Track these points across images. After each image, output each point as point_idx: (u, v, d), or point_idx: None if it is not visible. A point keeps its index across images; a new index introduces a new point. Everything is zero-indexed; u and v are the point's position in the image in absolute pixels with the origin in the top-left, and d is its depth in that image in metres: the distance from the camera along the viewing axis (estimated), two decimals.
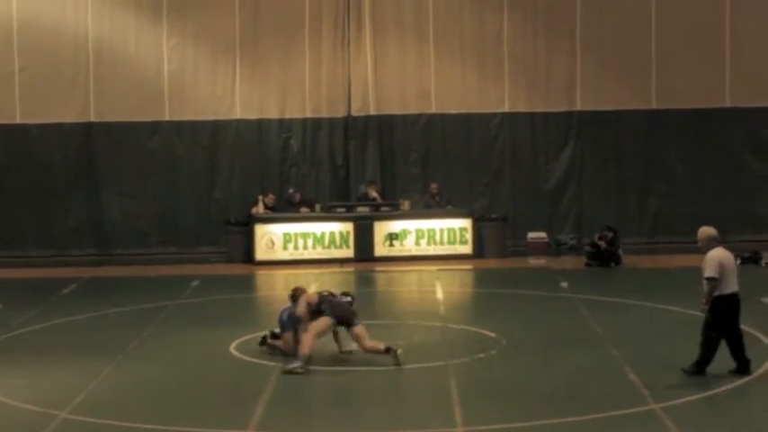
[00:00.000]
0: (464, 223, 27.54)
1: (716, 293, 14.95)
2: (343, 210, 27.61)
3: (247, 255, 27.27)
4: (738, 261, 25.75)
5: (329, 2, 29.11)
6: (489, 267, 26.42)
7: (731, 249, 16.00)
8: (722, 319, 15.02)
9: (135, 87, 28.91)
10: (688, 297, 20.34)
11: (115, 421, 13.53)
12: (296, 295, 16.63)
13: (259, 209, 27.65)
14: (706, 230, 15.49)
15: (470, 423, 13.24)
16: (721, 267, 14.95)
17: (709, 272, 14.95)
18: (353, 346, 16.57)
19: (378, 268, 26.43)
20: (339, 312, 16.29)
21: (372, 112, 29.29)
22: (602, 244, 26.18)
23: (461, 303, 23.15)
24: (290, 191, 28.38)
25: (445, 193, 28.43)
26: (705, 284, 15.01)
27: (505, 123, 29.37)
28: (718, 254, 15.08)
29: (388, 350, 16.19)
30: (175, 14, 28.94)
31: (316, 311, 16.22)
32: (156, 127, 29.08)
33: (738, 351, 15.22)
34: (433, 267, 26.01)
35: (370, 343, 16.34)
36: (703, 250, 15.28)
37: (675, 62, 28.87)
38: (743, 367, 15.20)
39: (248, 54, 29.11)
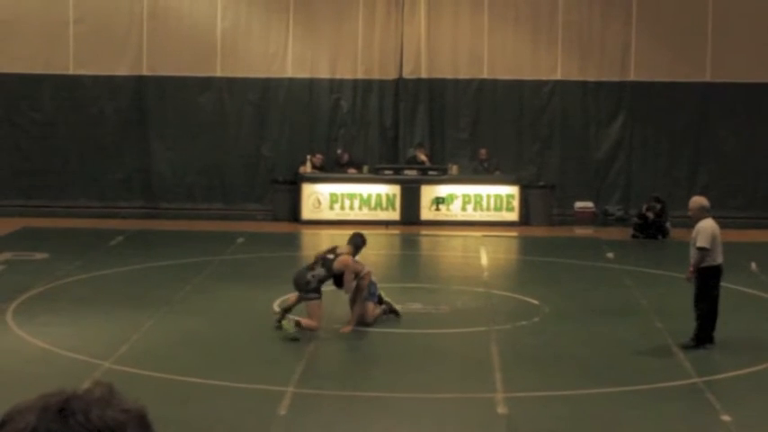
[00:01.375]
0: (511, 190, 27.44)
1: (705, 264, 15.00)
2: (391, 172, 27.58)
3: (293, 213, 27.33)
4: None
5: None
6: (535, 235, 26.33)
7: None
8: (709, 288, 15.07)
9: (188, 42, 28.96)
10: (734, 272, 20.22)
11: (158, 373, 13.64)
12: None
13: (307, 168, 27.68)
14: (698, 200, 15.55)
15: (510, 389, 13.24)
16: (713, 239, 15.01)
17: (702, 242, 14.96)
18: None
19: (423, 232, 26.40)
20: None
21: (424, 75, 29.19)
22: (650, 215, 25.99)
23: (505, 270, 23.11)
24: (339, 151, 28.38)
25: (494, 159, 28.33)
26: (695, 253, 15.03)
27: (557, 91, 29.19)
28: (711, 224, 15.12)
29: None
30: None
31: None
32: (207, 83, 29.13)
33: (711, 322, 15.26)
34: (478, 233, 25.95)
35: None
36: (694, 220, 15.33)
37: (731, 35, 28.55)
38: (709, 338, 15.26)
39: (301, 13, 29.05)
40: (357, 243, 16.37)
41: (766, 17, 28.58)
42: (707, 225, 15.05)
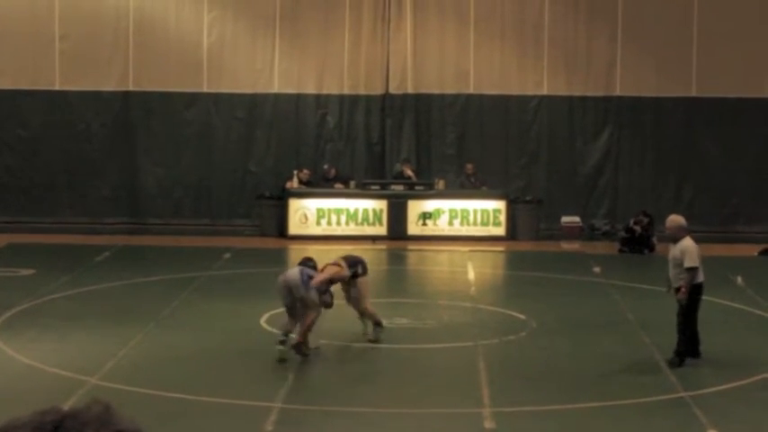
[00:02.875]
0: (498, 205, 27.46)
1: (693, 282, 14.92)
2: (378, 187, 27.60)
3: (280, 229, 27.31)
4: None
5: None
6: (522, 250, 26.35)
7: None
8: (694, 307, 15.01)
9: (174, 58, 28.96)
10: (720, 286, 20.26)
11: (144, 389, 13.60)
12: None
13: (294, 183, 27.68)
14: (676, 219, 15.39)
15: (498, 404, 13.23)
16: (699, 257, 14.95)
17: (692, 261, 14.82)
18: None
19: (410, 247, 26.40)
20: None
21: (410, 90, 29.22)
22: (638, 229, 26.01)
23: (492, 285, 23.12)
24: (325, 166, 28.38)
25: (480, 174, 28.35)
26: (684, 273, 14.85)
27: (543, 106, 29.24)
28: (694, 243, 15.00)
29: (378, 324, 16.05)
30: None
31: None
32: (193, 98, 29.12)
33: (693, 338, 15.19)
34: (465, 248, 25.96)
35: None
36: (672, 239, 15.22)
37: (716, 50, 28.65)
38: (695, 352, 15.22)
39: (288, 29, 29.08)
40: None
41: (751, 32, 28.70)
42: (691, 244, 14.95)
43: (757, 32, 28.70)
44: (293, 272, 15.63)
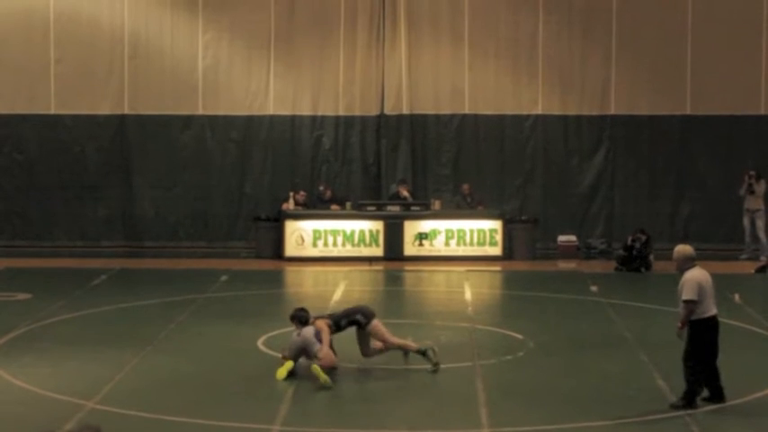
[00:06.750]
0: (494, 225, 27.46)
1: (694, 317, 13.86)
2: (374, 208, 27.59)
3: (277, 250, 27.29)
4: None
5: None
6: (518, 269, 26.35)
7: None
8: (701, 344, 13.93)
9: (169, 81, 29.00)
10: (718, 304, 20.19)
11: (142, 413, 13.57)
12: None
13: (290, 205, 27.68)
14: (682, 249, 14.24)
15: (497, 425, 13.21)
16: (700, 289, 13.83)
17: (687, 294, 13.78)
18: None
19: (407, 267, 26.39)
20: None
21: (405, 111, 29.24)
22: (637, 245, 25.96)
23: (490, 305, 23.10)
24: (321, 188, 28.39)
25: (477, 194, 28.37)
26: (682, 307, 13.85)
27: (538, 125, 29.29)
28: (697, 275, 13.95)
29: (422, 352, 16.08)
30: (211, 9, 29.01)
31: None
32: (189, 121, 29.14)
33: (712, 378, 14.09)
34: (461, 268, 25.96)
35: (395, 339, 16.25)
36: (679, 270, 14.09)
37: (711, 68, 28.71)
38: (717, 395, 14.11)
39: (283, 50, 29.13)
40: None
41: (745, 50, 28.77)
42: (692, 276, 13.96)
43: (751, 50, 28.77)
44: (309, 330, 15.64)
